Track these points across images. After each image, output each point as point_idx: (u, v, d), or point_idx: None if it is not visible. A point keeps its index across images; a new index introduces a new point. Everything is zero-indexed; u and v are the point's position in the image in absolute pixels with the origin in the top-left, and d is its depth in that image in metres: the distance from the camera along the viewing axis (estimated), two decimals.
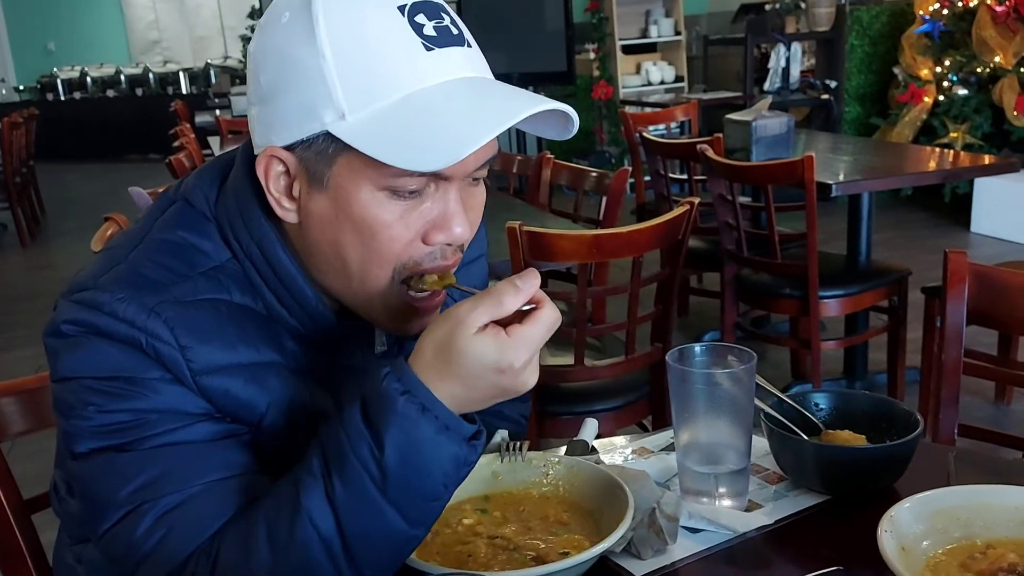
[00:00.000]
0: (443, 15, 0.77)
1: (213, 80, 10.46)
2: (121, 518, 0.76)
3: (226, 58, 11.40)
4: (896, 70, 5.87)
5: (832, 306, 2.92)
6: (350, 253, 0.79)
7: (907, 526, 0.78)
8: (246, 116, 0.81)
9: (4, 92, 11.43)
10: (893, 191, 5.84)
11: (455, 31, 0.78)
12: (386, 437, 0.70)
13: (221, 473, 0.78)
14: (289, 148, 0.77)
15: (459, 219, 0.79)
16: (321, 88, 0.74)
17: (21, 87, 11.56)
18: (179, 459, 0.77)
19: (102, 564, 0.88)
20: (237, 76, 9.89)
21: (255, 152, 0.81)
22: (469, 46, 0.79)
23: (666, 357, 0.97)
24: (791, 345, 3.40)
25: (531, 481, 0.93)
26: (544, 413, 2.06)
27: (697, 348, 0.99)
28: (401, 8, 0.75)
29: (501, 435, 1.00)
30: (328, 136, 0.75)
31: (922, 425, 0.97)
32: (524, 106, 0.74)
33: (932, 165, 3.33)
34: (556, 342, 2.26)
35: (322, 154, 0.76)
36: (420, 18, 0.75)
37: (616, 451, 1.12)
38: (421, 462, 0.71)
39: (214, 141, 5.27)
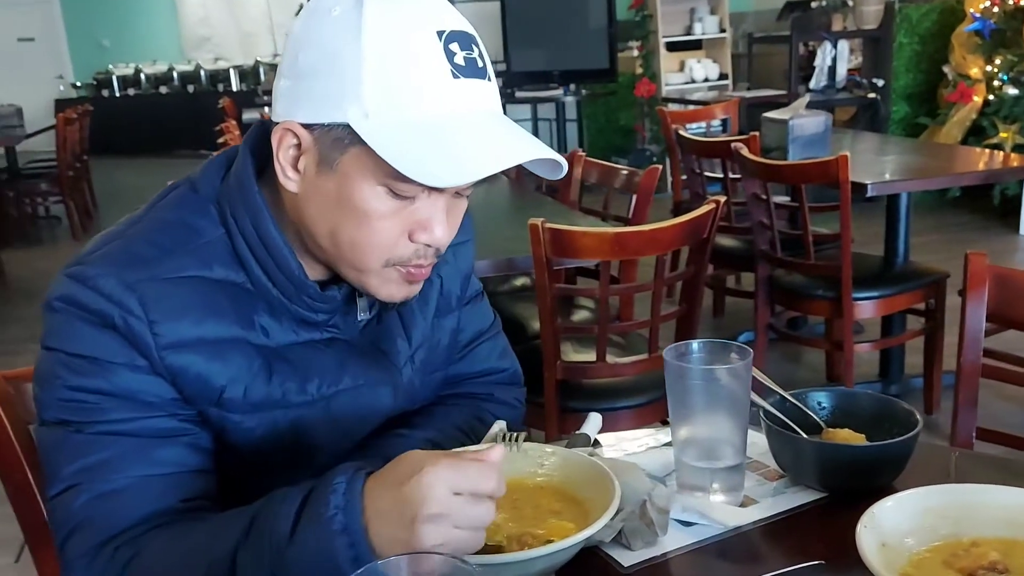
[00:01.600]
0: (474, 47, 0.84)
1: (262, 77, 10.63)
2: (63, 490, 0.84)
3: (275, 55, 11.56)
4: (945, 69, 5.76)
5: (866, 308, 2.89)
6: (343, 236, 0.86)
7: (890, 523, 0.79)
8: None
9: (63, 88, 11.74)
10: (940, 193, 5.74)
11: (480, 64, 0.84)
12: (300, 532, 0.73)
13: (160, 469, 0.84)
14: (307, 127, 0.83)
15: (441, 225, 0.86)
16: (353, 85, 0.80)
17: (78, 83, 11.87)
18: (124, 449, 0.84)
19: None
20: None
21: (273, 119, 0.87)
22: (490, 80, 0.86)
23: (663, 353, 0.98)
24: (825, 347, 3.37)
25: (526, 471, 0.95)
26: (566, 409, 2.08)
27: (695, 344, 1.00)
28: (439, 33, 0.81)
29: (499, 426, 1.02)
30: (347, 128, 0.81)
31: (920, 425, 0.97)
32: (529, 151, 0.83)
33: (980, 166, 3.27)
34: (580, 339, 2.28)
35: (338, 141, 0.82)
36: (454, 46, 0.82)
37: (618, 446, 1.13)
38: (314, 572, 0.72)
39: None
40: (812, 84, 6.27)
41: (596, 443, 1.12)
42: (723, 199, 2.04)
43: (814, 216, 3.00)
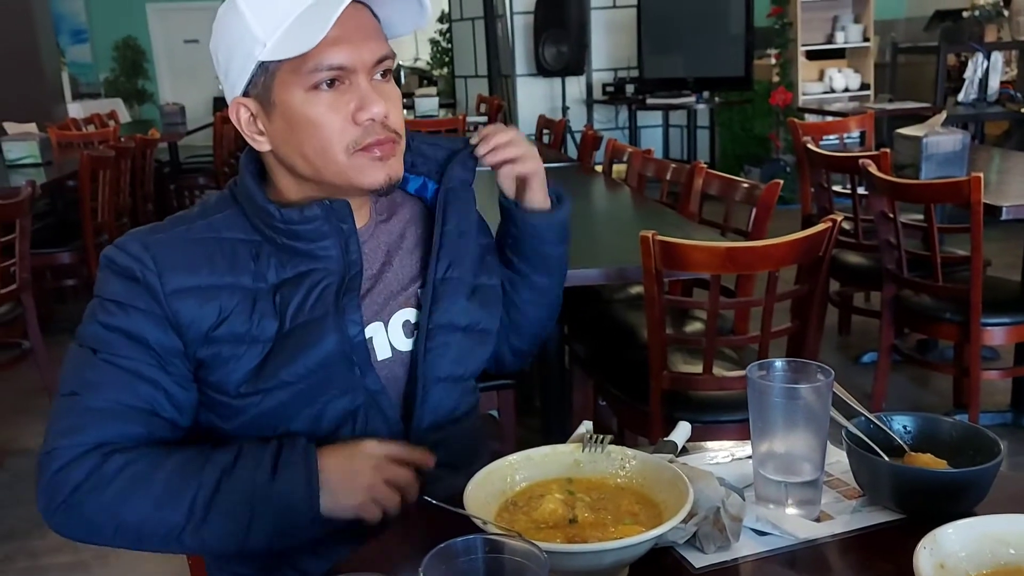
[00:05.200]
0: None
1: (403, 80, 11.02)
2: (68, 394, 1.07)
3: (416, 59, 11.95)
4: None
5: (996, 334, 2.79)
6: (309, 150, 1.07)
7: (951, 546, 0.82)
8: (428, 116, 1.05)
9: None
10: None
11: None
12: (280, 470, 1.04)
13: (139, 403, 1.07)
14: (245, 93, 1.08)
15: (373, 99, 1.06)
16: (248, 36, 1.04)
17: None
18: (117, 378, 1.06)
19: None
20: (425, 77, 10.37)
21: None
22: None
23: (747, 370, 1.03)
24: (952, 372, 3.26)
25: (608, 472, 1.02)
26: (670, 419, 2.12)
27: (778, 363, 1.04)
28: None
29: (586, 426, 1.09)
30: (261, 66, 1.05)
31: (1003, 455, 0.98)
32: None
33: None
34: (692, 351, 2.31)
35: (265, 85, 1.06)
36: None
37: (703, 456, 1.18)
38: (286, 501, 1.03)
39: None
40: (961, 97, 6.00)
41: (683, 451, 1.18)
42: (840, 218, 2.04)
43: (951, 238, 2.91)
